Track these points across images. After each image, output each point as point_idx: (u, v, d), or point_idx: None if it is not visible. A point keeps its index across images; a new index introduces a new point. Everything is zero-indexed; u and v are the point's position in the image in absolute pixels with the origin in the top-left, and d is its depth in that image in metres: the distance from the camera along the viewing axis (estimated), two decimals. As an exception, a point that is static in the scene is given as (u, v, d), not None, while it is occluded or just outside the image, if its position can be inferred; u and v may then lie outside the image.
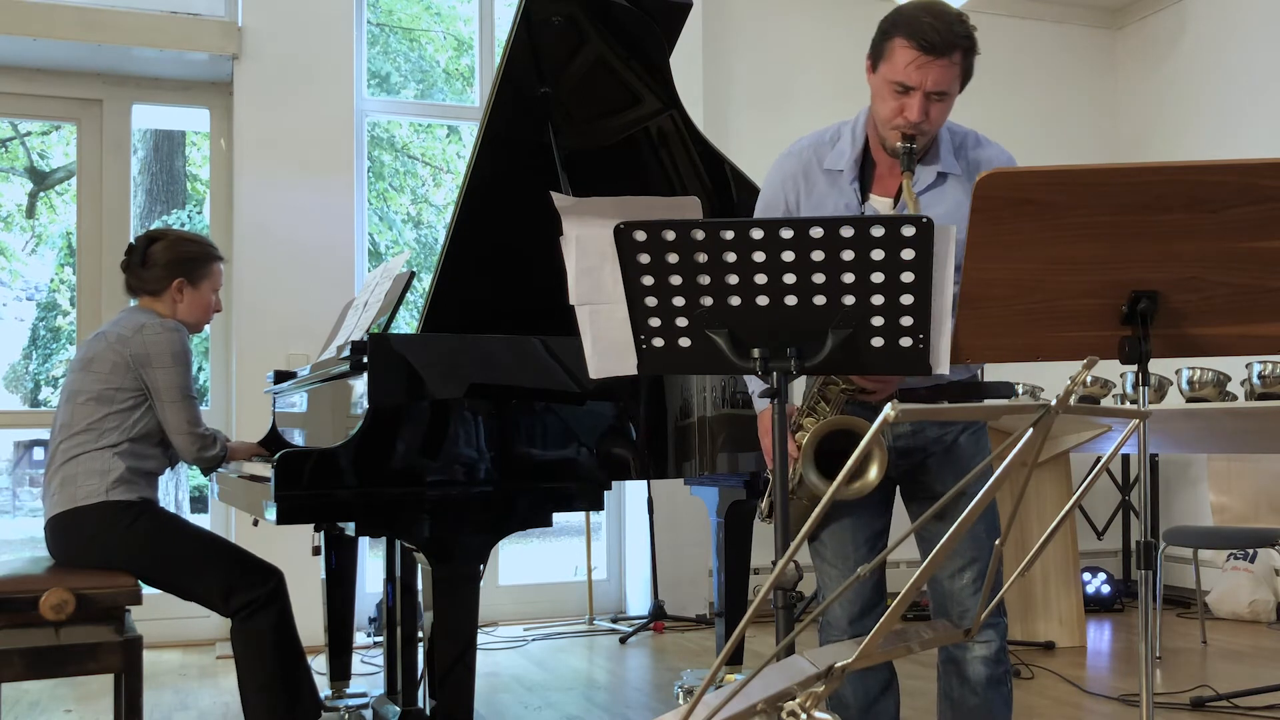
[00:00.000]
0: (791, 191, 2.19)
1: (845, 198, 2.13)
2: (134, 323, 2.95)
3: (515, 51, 3.04)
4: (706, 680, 1.25)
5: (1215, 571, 5.47)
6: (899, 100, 1.99)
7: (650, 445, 2.82)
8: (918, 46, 1.95)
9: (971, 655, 2.19)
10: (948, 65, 1.97)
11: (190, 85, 5.24)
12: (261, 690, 2.83)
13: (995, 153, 2.16)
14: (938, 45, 1.94)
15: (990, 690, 2.19)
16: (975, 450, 2.20)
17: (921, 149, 2.04)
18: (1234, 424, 4.38)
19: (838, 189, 2.14)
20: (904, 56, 1.97)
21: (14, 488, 9.08)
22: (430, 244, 8.70)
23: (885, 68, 2.01)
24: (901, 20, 1.99)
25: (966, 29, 2.00)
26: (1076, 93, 6.47)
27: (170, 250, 3.06)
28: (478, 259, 3.07)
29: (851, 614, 2.25)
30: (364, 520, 2.52)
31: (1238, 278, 1.69)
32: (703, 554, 5.29)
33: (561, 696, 4.00)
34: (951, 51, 1.96)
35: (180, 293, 3.05)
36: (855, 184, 2.12)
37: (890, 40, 2.00)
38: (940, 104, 2.00)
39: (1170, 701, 3.68)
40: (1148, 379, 1.80)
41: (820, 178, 2.16)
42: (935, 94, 1.98)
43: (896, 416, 1.13)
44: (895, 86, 1.99)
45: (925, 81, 1.96)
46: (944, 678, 2.26)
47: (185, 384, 2.92)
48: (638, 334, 1.75)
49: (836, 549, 2.27)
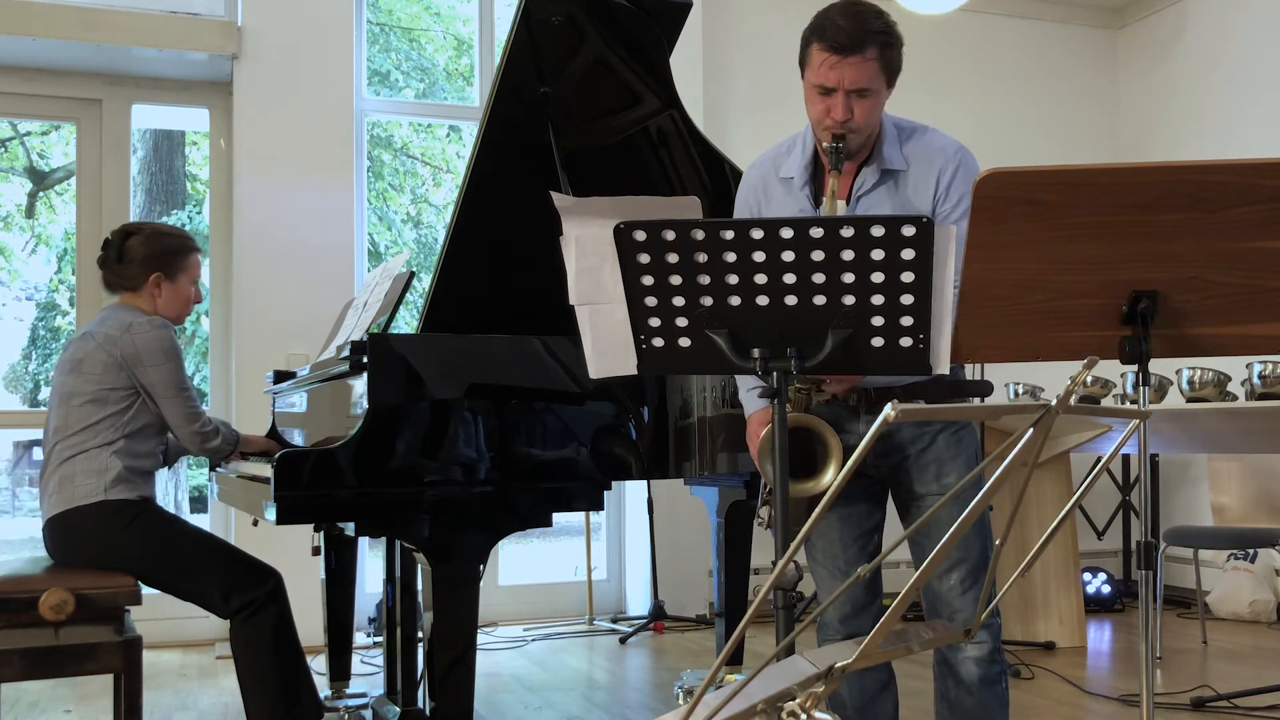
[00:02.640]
0: (754, 203, 2.26)
1: (799, 203, 2.18)
2: (120, 322, 2.93)
3: (515, 51, 3.04)
4: (706, 680, 1.25)
5: (1215, 571, 5.47)
6: (824, 102, 2.05)
7: (650, 445, 2.81)
8: (829, 48, 2.01)
9: (964, 656, 2.19)
10: (861, 62, 2.01)
11: (190, 85, 5.24)
12: (261, 691, 2.83)
13: (945, 140, 2.16)
14: (846, 45, 2.00)
15: (985, 690, 2.19)
16: (957, 450, 2.19)
17: (856, 148, 2.09)
18: (1234, 424, 4.38)
19: (791, 195, 2.19)
20: (818, 59, 2.03)
21: (13, 488, 9.08)
22: (430, 244, 8.69)
23: (808, 73, 2.07)
24: (816, 24, 2.05)
25: (882, 24, 2.04)
26: (1076, 93, 6.47)
27: (146, 245, 3.04)
28: (477, 259, 3.07)
29: (844, 613, 2.26)
30: (364, 520, 2.52)
31: (1238, 278, 1.69)
32: (703, 554, 5.29)
33: (561, 696, 4.00)
34: (863, 49, 2.01)
35: (158, 287, 3.04)
36: (807, 188, 2.17)
37: (809, 47, 2.06)
38: (864, 101, 2.03)
39: (1171, 702, 3.68)
40: (1148, 379, 1.80)
41: (777, 187, 2.22)
42: (855, 91, 2.02)
43: (897, 417, 1.13)
44: (817, 89, 2.05)
45: (842, 80, 2.01)
46: (939, 678, 2.26)
47: (179, 379, 2.92)
48: (638, 334, 1.75)
49: (826, 549, 2.28)
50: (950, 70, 6.16)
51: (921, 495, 2.19)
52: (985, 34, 6.28)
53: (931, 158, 2.12)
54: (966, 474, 2.17)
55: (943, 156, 2.12)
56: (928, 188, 2.11)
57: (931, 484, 2.18)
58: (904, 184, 2.12)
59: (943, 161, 2.11)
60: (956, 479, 2.16)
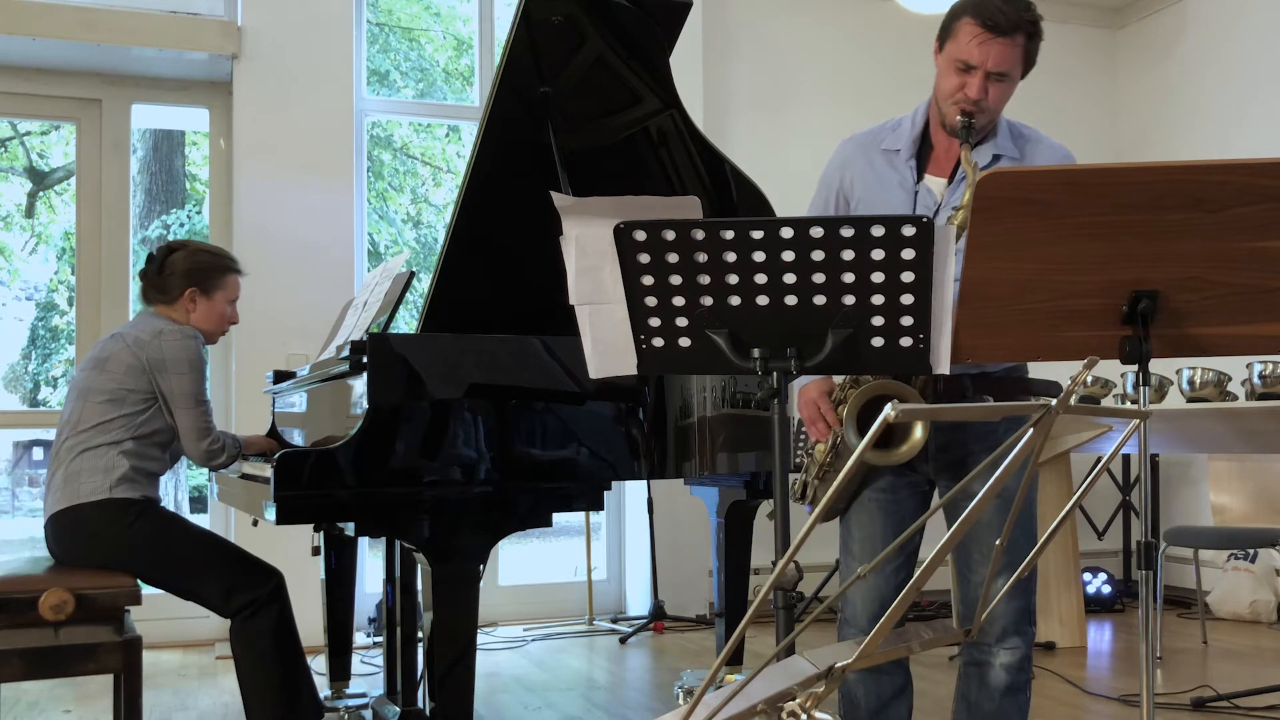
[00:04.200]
0: (848, 172, 2.27)
1: (899, 174, 2.20)
2: (152, 328, 2.97)
3: (515, 51, 3.04)
4: (706, 680, 1.25)
5: (1216, 571, 5.47)
6: (961, 78, 2.07)
7: (650, 445, 2.81)
8: (983, 25, 2.04)
9: (997, 661, 2.18)
10: (1010, 46, 2.05)
11: (190, 85, 5.24)
12: (261, 691, 2.83)
13: (1052, 145, 2.20)
14: (1002, 25, 2.03)
15: (1007, 698, 2.18)
16: None
17: (980, 129, 2.10)
18: (1234, 424, 4.38)
19: (893, 167, 2.21)
20: (969, 33, 2.05)
21: (13, 488, 9.08)
22: (430, 244, 8.69)
23: (951, 46, 2.09)
24: (970, 1, 2.08)
25: (1033, 15, 2.09)
26: (1076, 93, 6.46)
27: (187, 260, 3.10)
28: (477, 259, 3.07)
29: (871, 611, 2.21)
30: (363, 520, 2.51)
31: (1238, 278, 1.69)
32: (703, 554, 5.29)
33: (561, 697, 3.99)
34: (1015, 32, 2.04)
35: (193, 302, 3.08)
36: (911, 162, 2.19)
37: (958, 20, 2.09)
38: (1000, 85, 2.07)
39: (1171, 702, 3.68)
40: (1148, 379, 1.80)
41: (878, 157, 2.23)
42: (996, 74, 2.06)
43: (896, 417, 1.13)
44: (958, 64, 2.07)
45: (987, 60, 2.04)
46: (964, 679, 2.24)
47: (198, 391, 2.95)
48: (638, 334, 1.75)
49: (865, 541, 2.23)
50: (950, 70, 6.15)
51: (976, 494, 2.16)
52: (985, 34, 6.26)
53: (1041, 154, 2.17)
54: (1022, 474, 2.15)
55: (1055, 156, 2.17)
56: None
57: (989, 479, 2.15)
58: None
59: (1055, 158, 2.16)
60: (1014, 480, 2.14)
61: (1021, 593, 2.17)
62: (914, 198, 2.17)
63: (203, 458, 2.97)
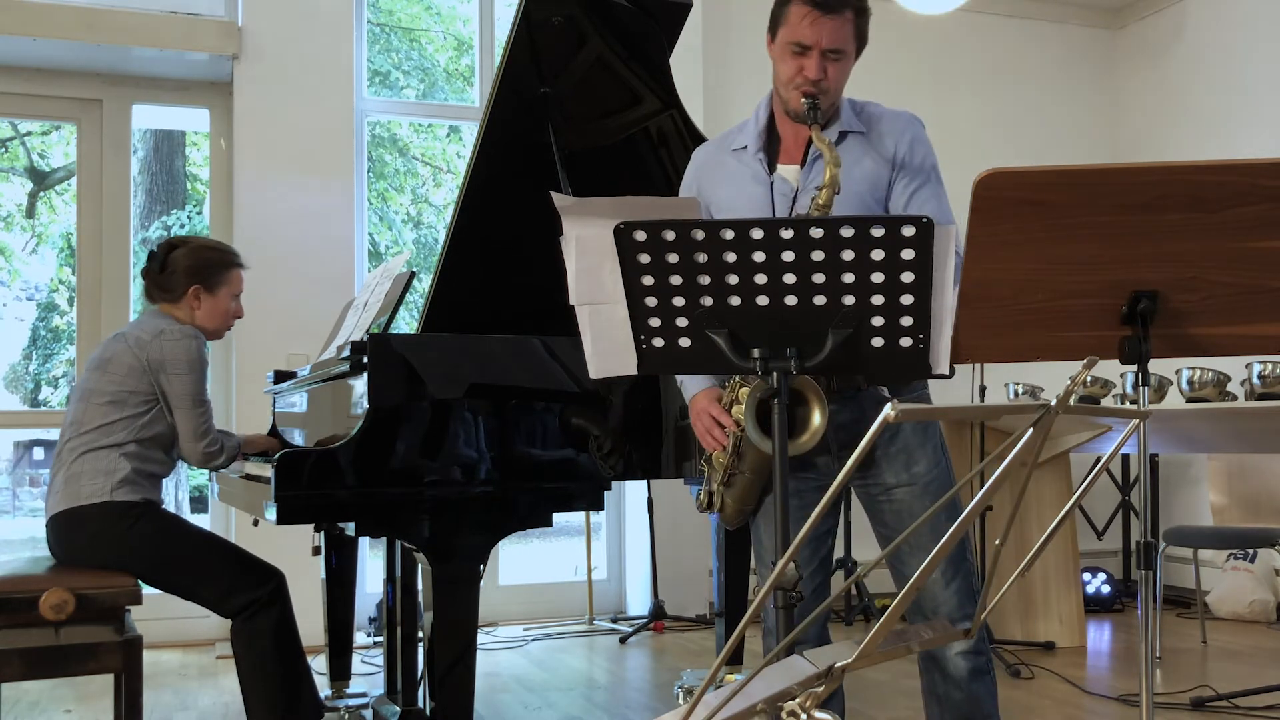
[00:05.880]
0: (703, 178, 2.30)
1: (751, 169, 2.22)
2: (153, 327, 2.96)
3: (515, 51, 3.04)
4: (706, 680, 1.25)
5: (1215, 571, 5.47)
6: (797, 60, 2.12)
7: (649, 445, 2.81)
8: (812, 4, 2.08)
9: (951, 651, 2.18)
10: (841, 22, 2.09)
11: (190, 85, 5.24)
12: (262, 691, 2.83)
13: (896, 114, 2.23)
14: (831, 3, 2.08)
15: (974, 682, 2.18)
16: (924, 438, 2.19)
17: (825, 111, 2.13)
18: (1234, 424, 4.38)
19: (744, 164, 2.24)
20: (799, 15, 2.10)
21: (14, 488, 9.08)
22: (430, 244, 8.69)
23: (783, 31, 2.15)
24: None
25: None
26: (1076, 93, 6.47)
27: (189, 257, 3.08)
28: (478, 259, 3.07)
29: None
30: (364, 520, 2.52)
31: (1238, 278, 1.69)
32: (703, 554, 5.29)
33: (561, 696, 4.00)
34: (844, 9, 2.10)
35: (197, 299, 3.07)
36: (761, 155, 2.21)
37: (787, 6, 2.14)
38: (837, 64, 2.11)
39: (1170, 702, 3.68)
40: (1148, 379, 1.80)
41: (729, 158, 2.27)
42: (831, 52, 2.09)
43: (896, 417, 1.13)
44: (793, 47, 2.12)
45: (820, 38, 2.08)
46: (926, 675, 2.24)
47: (198, 391, 2.94)
48: (638, 334, 1.75)
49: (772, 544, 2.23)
50: (950, 70, 6.16)
51: (893, 486, 2.18)
52: (985, 34, 6.27)
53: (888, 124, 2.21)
54: (934, 462, 2.17)
55: (901, 121, 2.21)
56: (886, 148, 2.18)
57: (902, 473, 2.17)
58: (855, 145, 2.19)
59: (901, 125, 2.20)
60: (926, 468, 2.17)
61: (959, 572, 2.17)
62: (770, 189, 2.19)
63: (200, 459, 2.97)
